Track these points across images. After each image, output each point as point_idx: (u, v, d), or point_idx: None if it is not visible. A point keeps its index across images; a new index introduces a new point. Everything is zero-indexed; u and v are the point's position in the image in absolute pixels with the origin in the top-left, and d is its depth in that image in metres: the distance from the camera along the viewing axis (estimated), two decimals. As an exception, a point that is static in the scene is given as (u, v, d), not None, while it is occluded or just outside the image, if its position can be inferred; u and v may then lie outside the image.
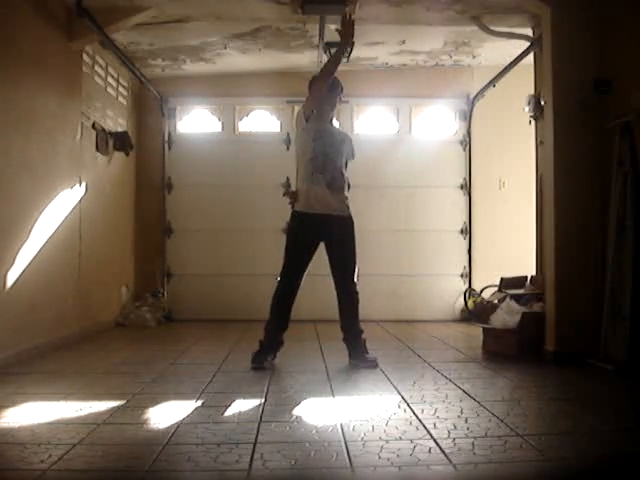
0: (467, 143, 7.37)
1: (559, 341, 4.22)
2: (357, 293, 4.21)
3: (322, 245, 4.19)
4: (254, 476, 2.08)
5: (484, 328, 4.84)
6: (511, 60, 5.85)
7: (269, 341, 4.10)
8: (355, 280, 4.20)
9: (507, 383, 3.63)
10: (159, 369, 3.99)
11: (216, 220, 7.26)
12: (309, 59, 6.69)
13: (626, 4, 4.15)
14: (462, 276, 7.32)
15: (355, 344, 4.18)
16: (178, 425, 2.65)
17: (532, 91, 5.38)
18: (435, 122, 7.53)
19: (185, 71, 7.11)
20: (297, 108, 7.44)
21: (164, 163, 7.37)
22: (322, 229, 4.10)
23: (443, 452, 2.25)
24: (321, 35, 5.72)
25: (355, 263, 4.20)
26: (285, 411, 2.90)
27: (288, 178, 7.26)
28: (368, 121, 7.54)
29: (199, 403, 3.07)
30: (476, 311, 6.61)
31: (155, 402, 3.07)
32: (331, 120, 4.38)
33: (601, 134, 4.22)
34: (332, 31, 5.73)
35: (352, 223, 4.22)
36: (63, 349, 4.79)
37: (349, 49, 4.35)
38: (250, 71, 7.08)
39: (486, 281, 6.77)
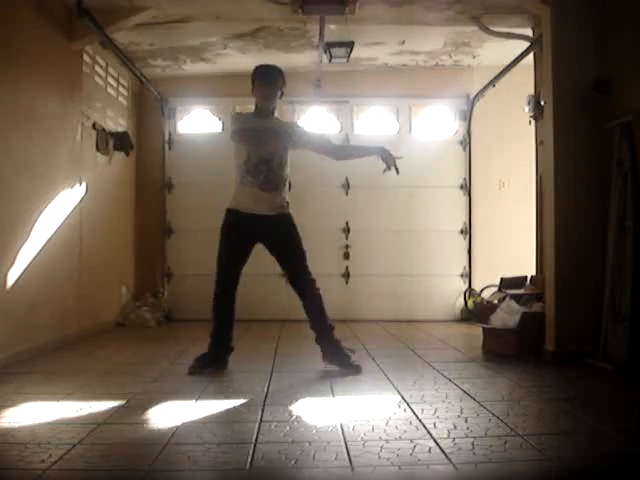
0: (467, 143, 7.38)
1: (559, 341, 4.22)
2: (317, 289, 3.97)
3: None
4: (254, 476, 2.08)
5: (484, 328, 4.84)
6: (511, 60, 5.85)
7: (214, 348, 3.92)
8: (310, 275, 3.98)
9: (507, 383, 3.63)
10: (159, 369, 3.99)
11: (216, 220, 7.17)
12: (309, 59, 6.69)
13: (626, 4, 4.15)
14: (462, 276, 7.33)
15: (328, 342, 3.97)
16: (178, 425, 2.65)
17: (532, 91, 5.39)
18: (435, 122, 7.53)
19: (185, 71, 7.11)
20: (298, 108, 7.48)
21: (164, 163, 7.37)
22: (257, 229, 3.90)
23: (443, 452, 2.25)
24: (321, 35, 5.72)
25: (304, 258, 3.97)
26: (285, 411, 2.90)
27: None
28: (368, 121, 7.54)
29: (199, 403, 3.07)
30: (476, 311, 6.61)
31: (155, 402, 3.07)
32: (270, 114, 4.03)
33: (601, 134, 4.22)
34: (332, 31, 5.75)
35: (291, 219, 4.04)
36: (63, 349, 4.79)
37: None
38: (250, 71, 7.04)
39: (486, 281, 6.77)
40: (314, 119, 7.54)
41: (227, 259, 3.94)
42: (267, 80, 3.94)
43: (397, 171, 3.94)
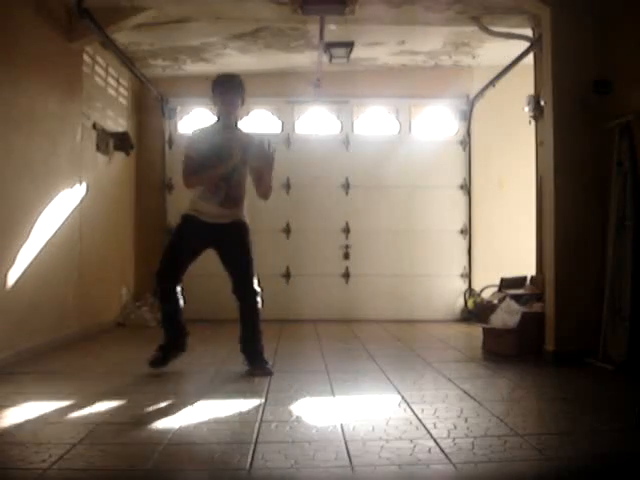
0: (467, 143, 7.38)
1: (559, 341, 4.22)
2: (257, 302, 3.97)
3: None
4: (254, 476, 2.08)
5: (484, 328, 4.84)
6: (511, 60, 5.85)
7: (169, 336, 3.94)
8: (255, 286, 3.96)
9: (507, 383, 3.63)
10: (159, 369, 3.99)
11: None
12: (309, 59, 6.69)
13: (626, 5, 4.15)
14: (462, 276, 7.33)
15: (254, 354, 3.94)
16: (178, 425, 2.65)
17: (532, 91, 5.38)
18: (435, 122, 7.53)
19: (185, 71, 7.11)
20: (297, 108, 7.48)
21: (164, 163, 7.37)
22: (209, 236, 3.87)
23: (443, 452, 2.25)
24: (321, 35, 5.72)
25: (250, 267, 3.93)
26: (285, 411, 2.90)
27: (289, 179, 7.28)
28: (368, 121, 7.54)
29: (199, 403, 3.07)
30: (476, 311, 6.61)
31: (155, 402, 3.07)
32: (232, 125, 3.97)
33: (601, 134, 4.22)
34: (332, 31, 5.75)
35: (245, 226, 3.94)
36: (63, 349, 4.79)
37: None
38: (250, 71, 7.05)
39: (486, 281, 6.78)
40: (314, 119, 7.55)
41: (170, 255, 3.94)
42: (227, 90, 3.88)
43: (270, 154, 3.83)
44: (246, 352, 3.98)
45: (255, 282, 3.97)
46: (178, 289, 3.95)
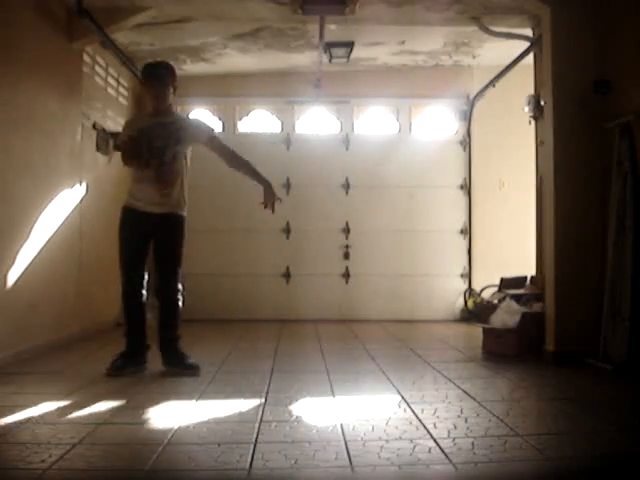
0: (467, 143, 7.38)
1: (559, 341, 4.22)
2: (177, 300, 3.92)
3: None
4: (254, 476, 2.08)
5: (484, 328, 4.84)
6: (511, 60, 5.85)
7: (131, 347, 3.86)
8: (177, 283, 3.92)
9: (507, 383, 3.63)
10: (159, 369, 3.99)
11: (216, 220, 7.27)
12: (309, 59, 6.69)
13: (626, 4, 4.15)
14: (462, 276, 7.33)
15: (171, 350, 3.89)
16: (178, 425, 2.65)
17: (532, 91, 5.38)
18: (435, 122, 7.53)
19: (185, 71, 7.10)
20: (297, 108, 7.49)
21: (164, 163, 7.36)
22: (149, 226, 3.86)
23: (443, 452, 2.25)
24: (321, 35, 5.73)
25: (176, 263, 3.91)
26: (285, 411, 2.90)
27: (289, 179, 7.28)
28: (368, 121, 7.54)
29: (199, 403, 3.07)
30: (476, 311, 6.61)
31: (155, 402, 3.07)
32: (165, 111, 3.93)
33: (601, 134, 4.22)
34: (332, 31, 5.75)
35: (180, 221, 3.94)
36: (63, 349, 4.79)
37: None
38: (250, 71, 7.08)
39: (486, 281, 6.78)
40: (314, 119, 7.55)
41: (127, 259, 3.90)
42: (155, 79, 3.88)
43: (273, 211, 3.97)
44: (162, 349, 3.90)
45: (179, 280, 3.94)
46: (143, 299, 3.91)
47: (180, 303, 3.96)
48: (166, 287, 3.91)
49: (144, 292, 3.93)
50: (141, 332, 3.91)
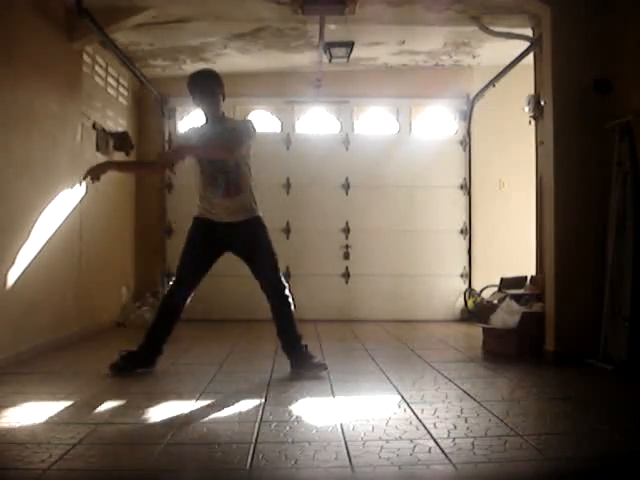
0: (467, 143, 7.38)
1: (559, 341, 4.22)
2: (287, 296, 3.87)
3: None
4: (254, 476, 2.08)
5: (484, 328, 4.84)
6: (511, 60, 5.85)
7: (147, 348, 3.82)
8: (282, 280, 3.87)
9: (507, 383, 3.63)
10: (159, 369, 3.98)
11: (216, 220, 7.25)
12: (309, 59, 6.69)
13: (626, 4, 4.15)
14: (462, 276, 7.33)
15: (295, 351, 3.85)
16: (178, 425, 2.65)
17: (532, 91, 5.38)
18: (435, 122, 7.53)
19: (185, 71, 7.08)
20: (297, 108, 7.48)
21: (164, 163, 7.36)
22: (224, 237, 3.83)
23: (443, 452, 2.25)
24: (321, 35, 5.73)
25: (275, 261, 3.86)
26: (285, 411, 2.90)
27: (289, 179, 7.29)
28: (368, 121, 7.54)
29: (199, 403, 3.07)
30: (476, 311, 6.61)
31: (155, 402, 3.07)
32: (219, 119, 3.90)
33: (601, 134, 4.22)
34: (332, 31, 5.75)
35: (258, 222, 3.90)
36: (63, 349, 4.79)
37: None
38: (250, 71, 7.08)
39: (486, 281, 6.77)
40: (314, 119, 7.55)
41: (185, 267, 3.87)
42: (204, 90, 3.84)
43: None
44: (286, 349, 3.88)
45: (282, 278, 3.88)
46: (186, 303, 3.88)
47: (291, 301, 3.89)
48: (275, 286, 3.85)
49: (188, 301, 3.88)
50: (165, 336, 3.87)
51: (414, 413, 2.82)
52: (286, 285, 3.91)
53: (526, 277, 5.42)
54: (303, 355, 3.85)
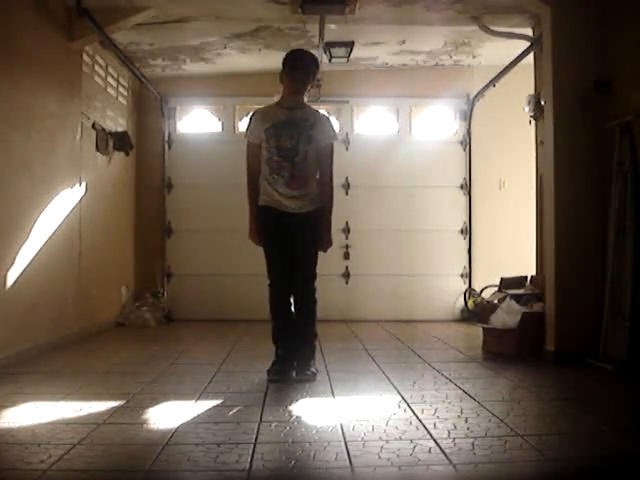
0: (467, 143, 7.38)
1: (559, 341, 4.21)
2: (315, 301, 3.77)
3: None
4: (254, 476, 2.08)
5: (484, 328, 4.84)
6: (511, 60, 5.85)
7: (285, 349, 3.73)
8: (314, 282, 3.76)
9: (507, 383, 3.63)
10: (159, 369, 3.99)
11: (216, 220, 7.26)
12: (309, 59, 6.68)
13: (626, 4, 4.15)
14: (462, 276, 7.33)
15: (305, 354, 3.73)
16: (178, 425, 2.65)
17: (532, 91, 5.38)
18: (435, 122, 7.53)
19: (185, 71, 7.11)
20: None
21: (164, 163, 7.37)
22: (286, 223, 3.69)
23: (443, 452, 2.25)
24: (321, 35, 5.72)
25: (314, 263, 3.74)
26: (285, 411, 2.90)
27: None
28: (368, 121, 7.54)
29: (199, 403, 3.07)
30: (476, 311, 6.61)
31: (155, 402, 3.07)
32: (297, 103, 3.75)
33: (601, 134, 4.22)
34: (332, 31, 5.75)
35: (316, 218, 3.75)
36: (63, 349, 4.79)
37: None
38: (250, 71, 7.07)
39: (486, 281, 6.77)
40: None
41: (272, 259, 3.75)
42: (306, 71, 3.68)
43: (324, 250, 3.83)
44: (303, 349, 3.75)
45: (314, 280, 3.77)
46: (291, 300, 3.75)
47: (316, 306, 3.79)
48: (306, 286, 3.73)
49: (292, 301, 3.76)
50: (293, 335, 3.75)
51: (414, 413, 2.82)
52: (316, 297, 3.79)
53: (526, 277, 5.42)
54: (309, 360, 3.75)
